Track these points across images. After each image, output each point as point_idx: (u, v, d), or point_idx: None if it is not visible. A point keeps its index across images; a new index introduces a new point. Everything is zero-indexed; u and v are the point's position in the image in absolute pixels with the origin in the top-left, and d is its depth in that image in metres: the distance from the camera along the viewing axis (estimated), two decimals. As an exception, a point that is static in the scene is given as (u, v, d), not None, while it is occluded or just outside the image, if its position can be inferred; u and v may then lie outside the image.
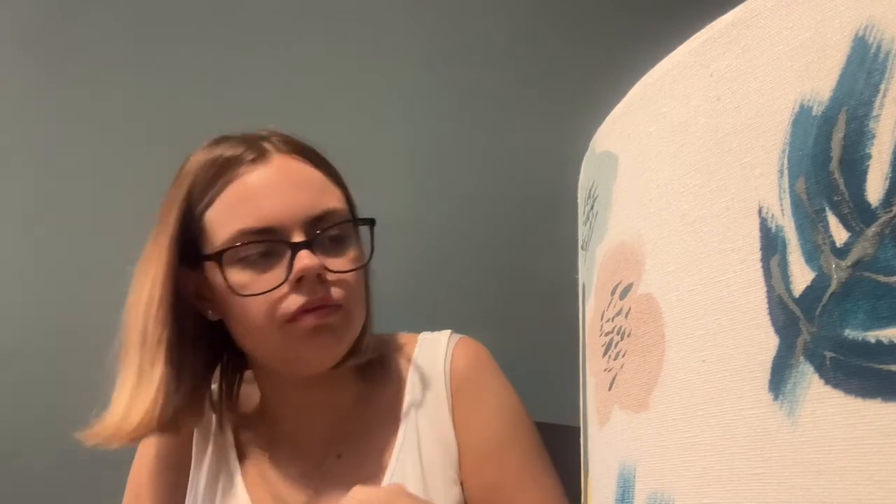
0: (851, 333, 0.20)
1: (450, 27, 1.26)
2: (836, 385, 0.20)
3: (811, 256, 0.21)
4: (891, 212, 0.19)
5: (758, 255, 0.22)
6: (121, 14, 1.20)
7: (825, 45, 0.21)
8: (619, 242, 0.30)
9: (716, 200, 0.24)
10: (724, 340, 0.23)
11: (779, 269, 0.22)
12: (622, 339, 0.29)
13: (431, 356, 0.76)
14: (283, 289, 0.64)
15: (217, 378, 0.77)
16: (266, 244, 0.64)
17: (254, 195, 0.65)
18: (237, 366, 0.77)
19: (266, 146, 0.68)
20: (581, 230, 0.37)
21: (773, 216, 0.22)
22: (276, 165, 0.67)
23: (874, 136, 0.20)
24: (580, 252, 0.37)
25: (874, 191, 0.20)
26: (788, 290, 0.21)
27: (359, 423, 0.75)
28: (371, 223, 0.71)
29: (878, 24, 0.20)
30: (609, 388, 0.30)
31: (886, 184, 0.19)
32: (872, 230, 0.20)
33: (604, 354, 0.31)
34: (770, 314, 0.22)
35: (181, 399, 0.67)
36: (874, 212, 0.20)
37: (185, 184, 0.67)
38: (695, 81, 0.26)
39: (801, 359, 0.21)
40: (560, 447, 0.71)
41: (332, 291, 0.66)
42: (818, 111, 0.21)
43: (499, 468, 0.72)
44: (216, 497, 0.74)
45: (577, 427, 0.37)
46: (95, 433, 0.66)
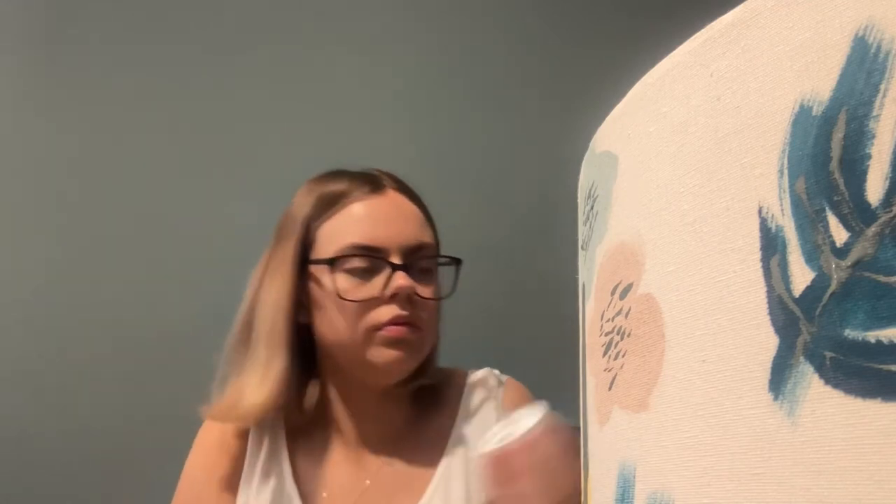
0: (851, 333, 0.20)
1: (450, 28, 1.26)
2: (836, 385, 0.20)
3: (811, 256, 0.21)
4: (891, 212, 0.19)
5: (758, 255, 0.22)
6: (121, 14, 1.20)
7: (825, 45, 0.21)
8: (620, 242, 0.30)
9: (716, 200, 0.24)
10: (724, 340, 0.23)
11: (779, 269, 0.22)
12: (622, 339, 0.29)
13: (479, 398, 0.84)
14: (379, 301, 0.75)
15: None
16: (371, 260, 0.76)
17: (368, 217, 0.77)
18: (307, 372, 0.83)
19: (383, 181, 0.80)
20: (581, 230, 0.37)
21: (773, 216, 0.22)
22: (390, 198, 0.79)
23: (874, 136, 0.20)
24: (580, 252, 0.37)
25: (874, 191, 0.20)
26: (788, 290, 0.21)
27: (407, 442, 0.82)
28: (458, 263, 0.81)
29: (878, 24, 0.20)
30: (609, 388, 0.30)
31: (886, 184, 0.19)
32: (872, 230, 0.20)
33: (604, 354, 0.31)
34: (770, 314, 0.22)
35: (291, 392, 0.76)
36: (874, 212, 0.20)
37: (309, 202, 0.79)
38: (695, 81, 0.26)
39: (801, 359, 0.21)
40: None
41: (417, 313, 0.76)
42: (818, 111, 0.21)
43: None
44: (268, 494, 0.79)
45: (578, 427, 0.37)
46: (218, 410, 0.77)
